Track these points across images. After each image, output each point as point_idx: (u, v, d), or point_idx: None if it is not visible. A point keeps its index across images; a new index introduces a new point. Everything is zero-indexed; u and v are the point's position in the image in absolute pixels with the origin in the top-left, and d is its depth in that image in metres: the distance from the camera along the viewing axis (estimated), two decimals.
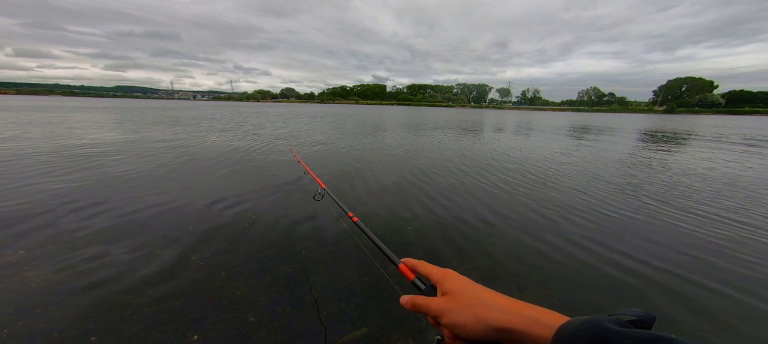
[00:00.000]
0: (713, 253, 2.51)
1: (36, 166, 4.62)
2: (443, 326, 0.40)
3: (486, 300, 0.39)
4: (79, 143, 6.91)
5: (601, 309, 1.87)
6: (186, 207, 3.14)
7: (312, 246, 2.43)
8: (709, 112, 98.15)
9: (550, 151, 8.08)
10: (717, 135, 14.39)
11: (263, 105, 71.46)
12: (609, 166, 6.02)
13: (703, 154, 8.11)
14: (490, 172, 5.31)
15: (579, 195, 4.00)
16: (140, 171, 4.59)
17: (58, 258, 2.14)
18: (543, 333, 0.33)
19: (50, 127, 9.97)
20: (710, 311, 1.83)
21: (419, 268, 0.49)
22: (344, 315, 1.70)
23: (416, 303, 0.44)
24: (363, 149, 7.43)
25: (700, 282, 2.11)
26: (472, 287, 0.41)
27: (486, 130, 14.37)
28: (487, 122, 21.65)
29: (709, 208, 3.61)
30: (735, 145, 10.46)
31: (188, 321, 1.61)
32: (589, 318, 0.30)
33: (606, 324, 0.28)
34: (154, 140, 7.67)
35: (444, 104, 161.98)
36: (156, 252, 2.27)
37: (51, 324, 1.55)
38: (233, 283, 1.94)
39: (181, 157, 5.77)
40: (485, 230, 2.85)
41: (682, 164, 6.43)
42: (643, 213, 3.37)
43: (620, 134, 13.97)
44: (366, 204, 3.45)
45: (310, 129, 12.27)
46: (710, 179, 5.12)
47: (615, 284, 2.08)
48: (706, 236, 2.83)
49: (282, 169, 5.02)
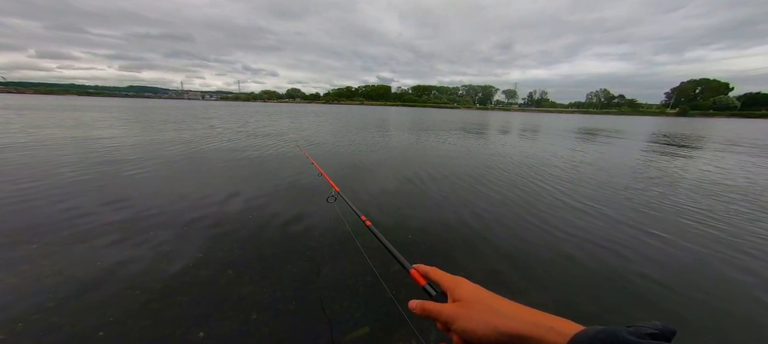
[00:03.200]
0: (736, 267, 2.44)
1: (42, 165, 4.76)
2: (454, 332, 0.40)
3: (498, 307, 0.39)
4: (90, 141, 7.09)
5: (613, 316, 1.84)
6: (194, 205, 3.20)
7: (316, 246, 2.45)
8: (724, 115, 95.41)
9: (562, 153, 7.96)
10: (730, 140, 13.98)
11: (270, 105, 72.31)
12: (629, 173, 5.91)
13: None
14: (502, 175, 5.27)
15: (601, 203, 3.93)
16: (149, 168, 4.68)
17: (68, 254, 2.20)
18: (557, 341, 0.32)
19: (48, 130, 10.24)
20: (731, 330, 1.77)
21: (430, 274, 0.49)
22: (347, 314, 1.71)
23: (427, 308, 0.44)
24: (370, 150, 7.45)
25: (722, 297, 2.05)
26: (483, 294, 0.41)
27: (493, 132, 14.25)
28: (494, 124, 21.47)
29: (731, 221, 3.51)
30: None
31: (194, 318, 1.64)
32: (606, 328, 0.29)
33: (624, 336, 0.27)
34: (163, 139, 7.83)
35: (449, 105, 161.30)
36: (164, 248, 2.31)
37: (62, 318, 1.60)
38: (239, 281, 1.96)
39: (189, 155, 5.88)
40: (500, 235, 2.83)
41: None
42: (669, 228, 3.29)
43: (634, 138, 13.69)
44: (375, 207, 3.46)
45: (318, 129, 12.36)
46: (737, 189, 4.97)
47: (631, 292, 2.04)
48: (730, 250, 2.75)
49: (290, 168, 5.07)
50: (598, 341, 0.28)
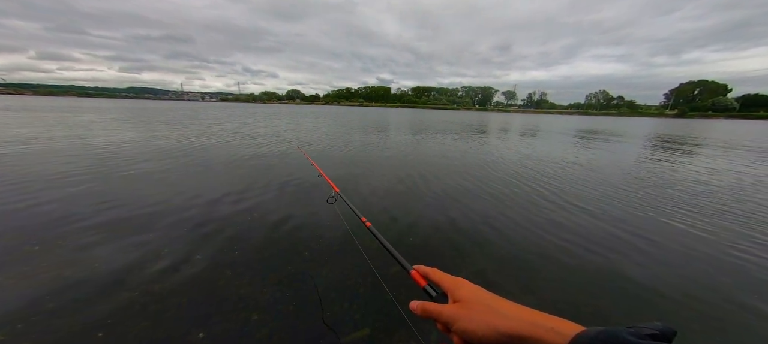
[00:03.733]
0: (736, 268, 2.44)
1: (43, 165, 4.76)
2: (454, 333, 0.40)
3: (498, 307, 0.39)
4: (89, 142, 7.09)
5: (614, 317, 1.84)
6: (193, 206, 3.19)
7: (316, 247, 2.45)
8: (723, 117, 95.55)
9: (562, 154, 7.98)
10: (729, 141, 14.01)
11: (270, 106, 72.35)
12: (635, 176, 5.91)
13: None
14: (502, 176, 5.27)
15: (604, 204, 3.94)
16: (148, 170, 4.68)
17: (68, 256, 2.19)
18: (557, 341, 0.33)
19: (48, 130, 10.23)
20: (731, 330, 1.78)
21: (431, 275, 0.49)
22: (347, 315, 1.71)
23: (427, 309, 0.44)
24: (369, 150, 7.45)
25: (721, 296, 2.05)
26: (484, 295, 0.42)
27: (493, 133, 14.26)
28: (494, 125, 21.49)
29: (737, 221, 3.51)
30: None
31: (194, 319, 1.64)
32: (607, 329, 0.29)
33: (625, 336, 0.27)
34: (161, 140, 7.83)
35: (449, 107, 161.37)
36: (163, 249, 2.31)
37: (62, 319, 1.60)
38: (238, 282, 1.96)
39: (189, 156, 5.88)
40: (496, 235, 2.83)
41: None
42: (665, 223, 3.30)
43: (634, 139, 13.71)
44: (376, 208, 3.46)
45: (317, 130, 12.36)
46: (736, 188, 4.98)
47: (630, 293, 2.04)
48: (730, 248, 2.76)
49: (289, 169, 5.07)
50: (598, 342, 0.28)
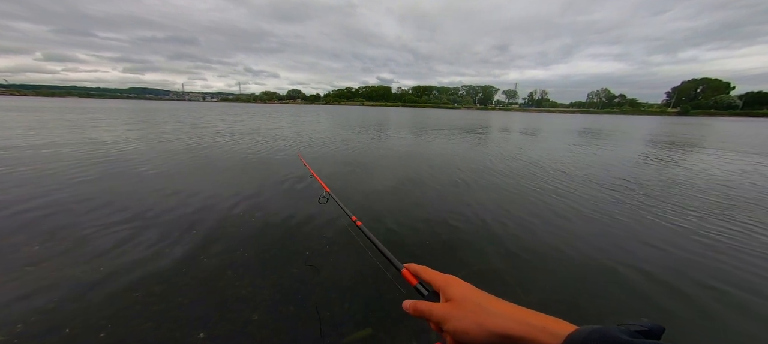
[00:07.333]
0: (726, 262, 2.43)
1: (45, 165, 4.77)
2: (446, 332, 0.40)
3: (489, 306, 0.38)
4: (88, 143, 7.12)
5: (607, 317, 1.83)
6: (193, 207, 3.20)
7: (316, 247, 2.44)
8: (726, 115, 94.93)
9: (564, 156, 7.95)
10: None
11: (271, 106, 72.45)
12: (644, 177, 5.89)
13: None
14: (498, 175, 5.26)
15: (596, 204, 3.92)
16: (147, 170, 4.69)
17: (69, 255, 2.20)
18: (549, 341, 0.32)
19: (46, 131, 10.25)
20: (719, 322, 1.76)
21: (422, 274, 0.49)
22: (347, 316, 1.71)
23: (419, 308, 0.43)
24: (367, 150, 7.44)
25: (709, 292, 2.04)
26: (475, 294, 0.41)
27: (493, 134, 14.23)
28: (494, 125, 21.45)
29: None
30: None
31: (194, 319, 1.64)
32: (599, 328, 0.29)
33: (616, 334, 0.28)
34: (161, 140, 7.86)
35: (450, 106, 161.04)
36: (163, 250, 2.31)
37: (62, 319, 1.60)
38: (238, 283, 1.96)
39: (188, 157, 5.89)
40: (489, 235, 2.82)
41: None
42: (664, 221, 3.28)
43: (637, 139, 13.65)
44: (369, 207, 3.46)
45: (316, 131, 12.37)
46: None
47: (623, 292, 2.03)
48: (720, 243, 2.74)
49: (288, 170, 5.07)
50: (591, 341, 0.28)
